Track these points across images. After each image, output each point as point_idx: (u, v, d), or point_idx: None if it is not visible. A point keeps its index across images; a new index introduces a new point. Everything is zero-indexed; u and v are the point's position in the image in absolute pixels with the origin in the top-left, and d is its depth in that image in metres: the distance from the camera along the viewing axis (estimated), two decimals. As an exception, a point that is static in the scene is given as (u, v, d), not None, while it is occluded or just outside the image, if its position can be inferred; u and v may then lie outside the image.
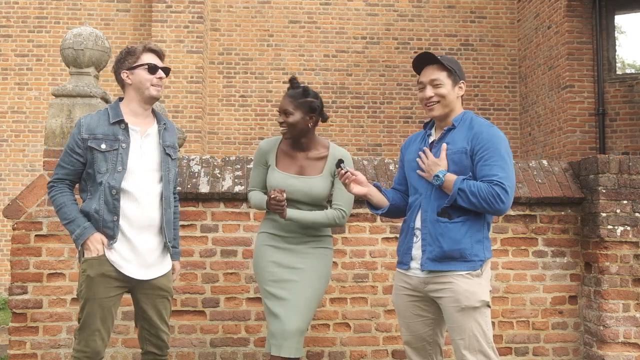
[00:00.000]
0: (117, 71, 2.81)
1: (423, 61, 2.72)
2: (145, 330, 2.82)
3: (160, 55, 2.84)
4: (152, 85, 2.77)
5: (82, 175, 2.77)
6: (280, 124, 2.97)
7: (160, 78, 2.79)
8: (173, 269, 2.95)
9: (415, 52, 9.97)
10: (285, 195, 2.85)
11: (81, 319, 2.70)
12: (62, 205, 2.73)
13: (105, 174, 2.68)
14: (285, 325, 2.83)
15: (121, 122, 2.75)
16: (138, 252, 2.72)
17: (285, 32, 10.00)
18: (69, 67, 3.96)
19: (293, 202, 2.93)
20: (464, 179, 2.54)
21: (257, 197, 3.06)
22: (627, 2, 8.68)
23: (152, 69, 2.77)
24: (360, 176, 2.71)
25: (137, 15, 9.74)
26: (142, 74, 2.76)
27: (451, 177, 2.56)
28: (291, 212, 2.89)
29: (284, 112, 2.95)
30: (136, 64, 2.77)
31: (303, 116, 2.95)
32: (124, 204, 2.70)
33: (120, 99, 2.86)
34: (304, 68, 9.90)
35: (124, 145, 2.71)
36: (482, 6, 10.23)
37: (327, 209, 3.02)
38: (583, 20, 8.57)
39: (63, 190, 2.76)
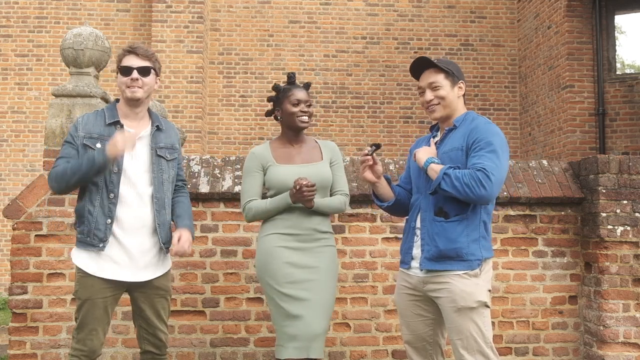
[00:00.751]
0: None
1: (420, 66, 2.74)
2: (144, 330, 2.82)
3: (139, 54, 2.77)
4: (127, 87, 2.75)
5: None
6: (304, 112, 2.99)
7: (133, 79, 2.74)
8: (180, 237, 2.77)
9: (415, 52, 9.98)
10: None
11: (78, 318, 2.71)
12: (66, 167, 2.66)
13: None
14: (312, 327, 2.78)
15: (117, 123, 2.77)
16: (131, 255, 2.71)
17: (285, 32, 10.00)
18: (69, 67, 3.96)
19: None
20: (451, 167, 2.55)
21: (262, 203, 2.94)
22: (627, 2, 8.68)
23: (125, 71, 2.76)
24: (379, 167, 2.77)
25: (137, 15, 9.74)
26: (119, 77, 2.78)
27: (439, 165, 2.58)
28: (315, 200, 2.88)
29: (305, 102, 3.00)
30: (118, 67, 2.79)
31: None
32: (116, 207, 2.71)
33: (118, 100, 2.88)
34: (304, 68, 9.89)
35: None
36: (482, 6, 10.22)
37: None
38: (583, 20, 8.57)
39: (64, 165, 2.69)
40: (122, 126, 2.76)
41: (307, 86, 3.10)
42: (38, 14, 9.63)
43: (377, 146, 2.74)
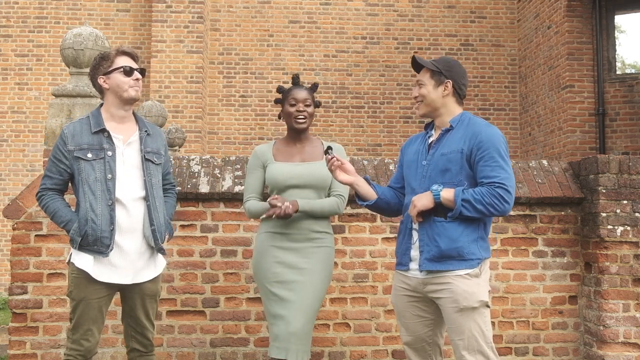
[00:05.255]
0: (93, 77, 2.84)
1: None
2: (132, 328, 2.86)
3: (134, 57, 2.88)
4: (130, 87, 2.80)
5: (72, 183, 2.81)
6: (300, 112, 3.02)
7: (137, 79, 2.83)
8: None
9: (415, 52, 9.97)
10: (281, 200, 2.86)
11: (73, 319, 2.75)
12: (56, 210, 2.77)
13: (95, 182, 2.71)
14: (291, 328, 2.82)
15: (103, 130, 2.78)
16: (128, 257, 2.74)
17: (285, 32, 10.00)
18: (69, 67, 3.97)
19: (300, 189, 2.95)
20: (462, 189, 2.54)
21: (256, 205, 3.02)
22: (627, 2, 8.68)
23: (128, 71, 2.81)
24: (348, 165, 2.75)
25: (137, 15, 9.74)
26: (118, 77, 2.79)
27: (450, 190, 2.55)
28: (302, 203, 2.91)
29: (304, 102, 3.03)
30: (111, 68, 2.80)
31: (314, 110, 3.11)
32: (116, 213, 2.73)
33: (102, 105, 2.89)
34: (304, 68, 9.89)
35: (109, 153, 2.75)
36: (482, 6, 10.23)
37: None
38: (583, 20, 8.57)
39: (53, 197, 2.80)
40: (108, 133, 2.77)
41: (313, 87, 3.14)
42: (38, 14, 9.64)
43: (330, 148, 2.77)
